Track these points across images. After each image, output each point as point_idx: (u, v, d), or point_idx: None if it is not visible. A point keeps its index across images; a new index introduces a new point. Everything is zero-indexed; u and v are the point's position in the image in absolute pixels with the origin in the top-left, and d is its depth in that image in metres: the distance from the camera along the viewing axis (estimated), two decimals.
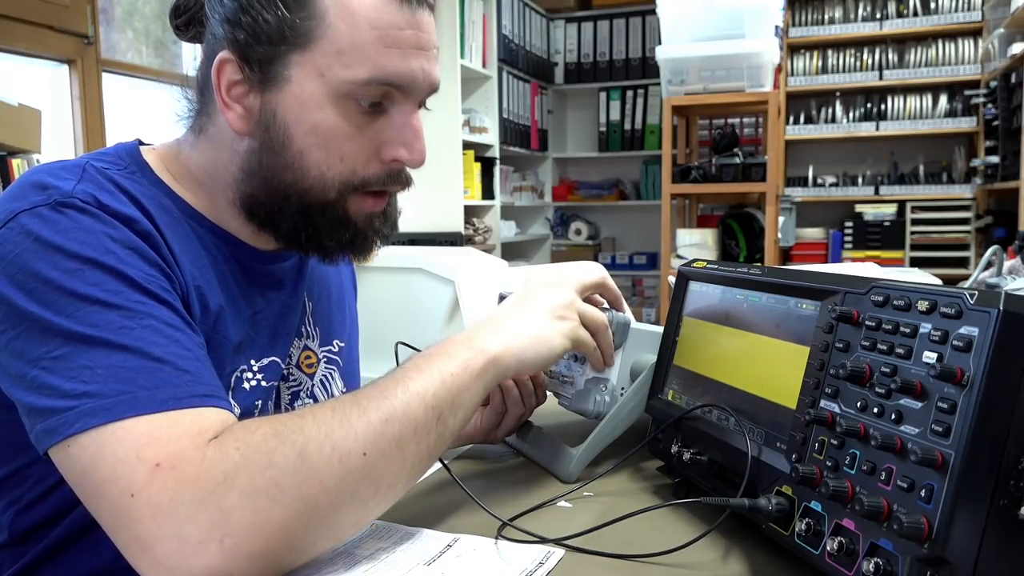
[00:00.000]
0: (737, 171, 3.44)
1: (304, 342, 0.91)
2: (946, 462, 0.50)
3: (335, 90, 0.74)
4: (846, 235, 4.52)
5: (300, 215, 0.78)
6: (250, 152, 0.78)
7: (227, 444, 0.61)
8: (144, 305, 0.67)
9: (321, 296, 0.96)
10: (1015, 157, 3.59)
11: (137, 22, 3.05)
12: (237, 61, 0.75)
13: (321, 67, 0.74)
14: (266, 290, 0.86)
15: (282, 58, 0.74)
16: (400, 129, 0.78)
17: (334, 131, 0.75)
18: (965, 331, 0.52)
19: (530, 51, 4.73)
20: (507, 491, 0.83)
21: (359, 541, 0.71)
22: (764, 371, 0.71)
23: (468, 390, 0.72)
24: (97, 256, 0.67)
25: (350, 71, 0.73)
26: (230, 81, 0.76)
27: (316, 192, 0.77)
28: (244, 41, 0.74)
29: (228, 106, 0.76)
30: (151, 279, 0.69)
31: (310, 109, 0.75)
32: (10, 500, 0.76)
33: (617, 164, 5.30)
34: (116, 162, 0.78)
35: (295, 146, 0.76)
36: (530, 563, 0.65)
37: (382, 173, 0.79)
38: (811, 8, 4.67)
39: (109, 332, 0.64)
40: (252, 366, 0.83)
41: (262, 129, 0.76)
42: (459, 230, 3.82)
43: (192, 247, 0.78)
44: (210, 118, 0.81)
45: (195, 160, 0.82)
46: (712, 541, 0.68)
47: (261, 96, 0.76)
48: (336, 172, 0.77)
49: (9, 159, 2.18)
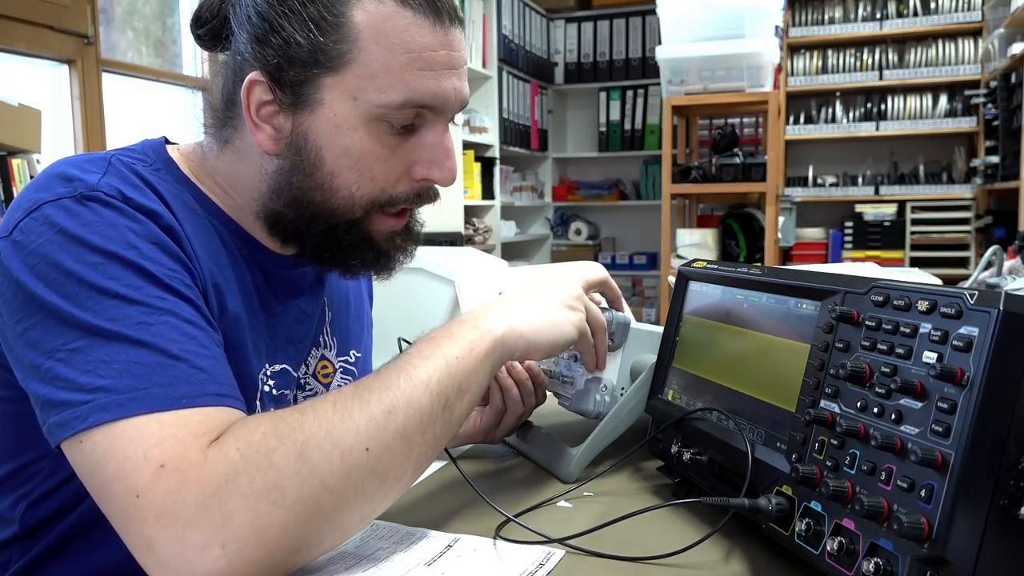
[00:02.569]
0: (737, 171, 3.44)
1: (322, 351, 0.91)
2: (946, 462, 0.50)
3: (368, 113, 0.74)
4: (846, 235, 4.52)
5: (326, 234, 0.78)
6: (279, 172, 0.77)
7: (227, 445, 0.61)
8: (164, 301, 0.67)
9: (340, 306, 0.95)
10: (1015, 157, 3.59)
11: (137, 22, 3.05)
12: (267, 82, 0.74)
13: (354, 90, 0.73)
14: (284, 295, 0.86)
15: (314, 81, 0.73)
16: (432, 149, 0.78)
17: (367, 153, 0.75)
18: (965, 331, 0.52)
19: (530, 51, 4.73)
20: (507, 491, 0.83)
21: (359, 541, 0.71)
22: (764, 371, 0.71)
23: (475, 373, 0.71)
24: (119, 250, 0.67)
25: (384, 95, 0.73)
26: (260, 101, 0.75)
27: (343, 211, 0.77)
28: (276, 63, 0.73)
29: (258, 126, 0.76)
30: (173, 275, 0.69)
31: (343, 132, 0.74)
32: (21, 494, 0.77)
33: (617, 164, 5.30)
34: (143, 157, 0.78)
35: (327, 168, 0.75)
36: (530, 564, 0.65)
37: (411, 192, 0.79)
38: (811, 8, 4.67)
39: (127, 327, 0.64)
40: (266, 370, 0.82)
41: (293, 151, 0.76)
42: (459, 230, 3.82)
43: (213, 246, 0.78)
44: (236, 131, 0.80)
45: (220, 168, 0.82)
46: (712, 541, 0.68)
47: (292, 118, 0.75)
48: (366, 192, 0.77)
49: (9, 159, 2.18)
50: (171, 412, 0.61)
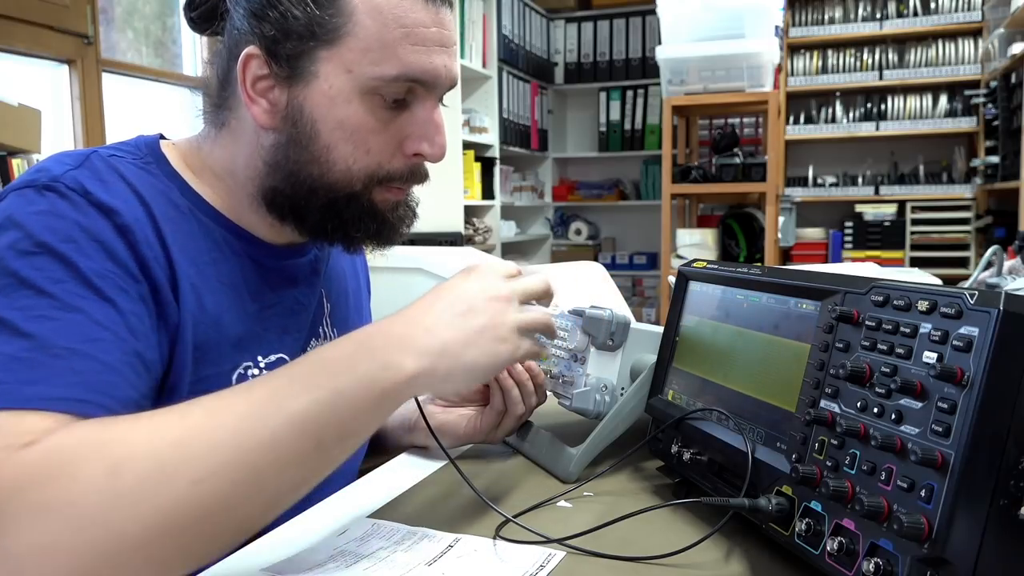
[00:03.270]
0: (737, 171, 3.44)
1: (321, 343, 0.91)
2: (946, 462, 0.50)
3: (363, 86, 0.75)
4: (846, 235, 4.52)
5: (326, 208, 0.79)
6: (275, 146, 0.78)
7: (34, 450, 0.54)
8: (80, 299, 0.65)
9: (339, 297, 0.96)
10: (1015, 157, 3.59)
11: (137, 22, 3.05)
12: (264, 56, 0.75)
13: (349, 63, 0.75)
14: (278, 286, 0.86)
15: (310, 54, 0.75)
16: (423, 124, 0.79)
17: (361, 126, 0.76)
18: (965, 331, 0.52)
19: (530, 51, 4.73)
20: (507, 491, 0.83)
21: (360, 540, 0.71)
22: (764, 371, 0.71)
23: (366, 416, 0.62)
24: (55, 242, 0.66)
25: (378, 68, 0.75)
26: (256, 76, 0.76)
27: (342, 185, 0.78)
28: (272, 36, 0.75)
29: (253, 100, 0.77)
30: (106, 275, 0.67)
31: (338, 104, 0.75)
32: None
33: (617, 164, 5.30)
34: (133, 152, 0.79)
35: (322, 140, 0.76)
36: (531, 565, 0.65)
37: (405, 168, 0.80)
38: (811, 8, 4.67)
39: (24, 318, 0.61)
40: (259, 362, 0.82)
41: (289, 124, 0.77)
42: (459, 230, 3.82)
43: (194, 244, 0.78)
44: (232, 112, 0.81)
45: (216, 155, 0.82)
46: (712, 541, 0.68)
47: (288, 91, 0.76)
48: (362, 165, 0.78)
49: (9, 159, 2.18)
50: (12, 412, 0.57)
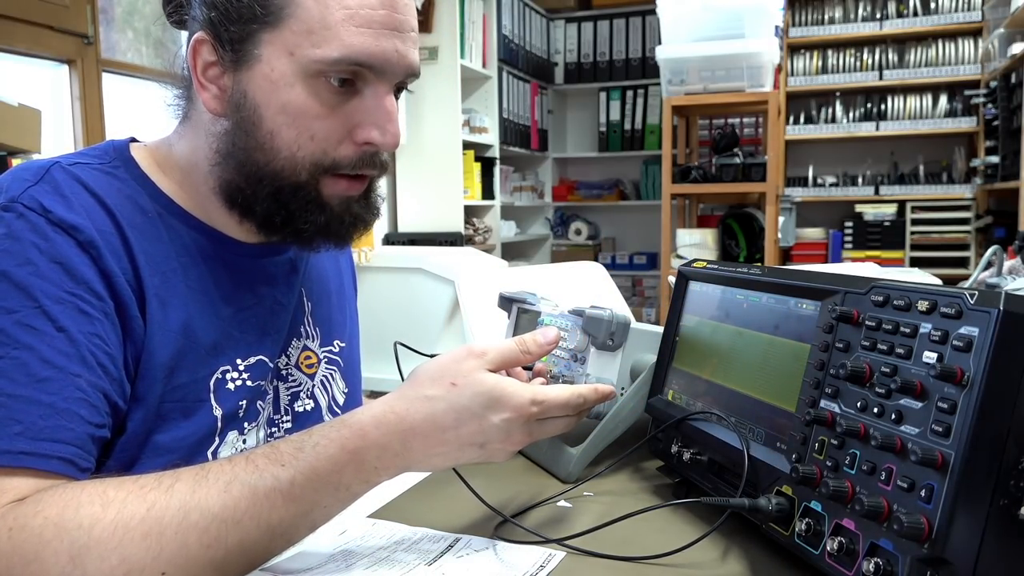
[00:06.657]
0: (737, 171, 3.44)
1: (304, 342, 0.91)
2: (946, 462, 0.50)
3: (305, 69, 0.74)
4: (846, 235, 4.52)
5: (272, 198, 0.77)
6: (225, 133, 0.77)
7: (2, 522, 0.54)
8: (29, 333, 0.64)
9: (321, 296, 0.95)
10: (1015, 157, 3.59)
11: (137, 22, 3.05)
12: (211, 41, 0.75)
13: (291, 45, 0.73)
14: (256, 285, 0.85)
15: (253, 37, 0.74)
16: (373, 111, 0.76)
17: (304, 110, 0.75)
18: (965, 331, 0.52)
19: (530, 51, 4.73)
20: (507, 491, 0.83)
21: (360, 540, 0.71)
22: (764, 371, 0.71)
23: (336, 510, 0.66)
24: (10, 267, 0.66)
25: (319, 50, 0.73)
26: (206, 62, 0.76)
27: (287, 173, 0.76)
28: (217, 20, 0.74)
29: (204, 87, 0.76)
30: (63, 300, 0.67)
31: (280, 88, 0.74)
32: None
33: (617, 164, 5.30)
34: (99, 157, 0.78)
35: (266, 126, 0.75)
36: (530, 565, 0.65)
37: (355, 156, 0.77)
38: (811, 8, 4.66)
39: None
40: (238, 365, 0.81)
41: (234, 109, 0.76)
42: (459, 230, 3.82)
43: (162, 250, 0.77)
44: (192, 103, 0.81)
45: (181, 150, 0.82)
46: (712, 541, 0.68)
47: (234, 76, 0.75)
48: (307, 152, 0.76)
49: (9, 159, 2.17)
50: None
